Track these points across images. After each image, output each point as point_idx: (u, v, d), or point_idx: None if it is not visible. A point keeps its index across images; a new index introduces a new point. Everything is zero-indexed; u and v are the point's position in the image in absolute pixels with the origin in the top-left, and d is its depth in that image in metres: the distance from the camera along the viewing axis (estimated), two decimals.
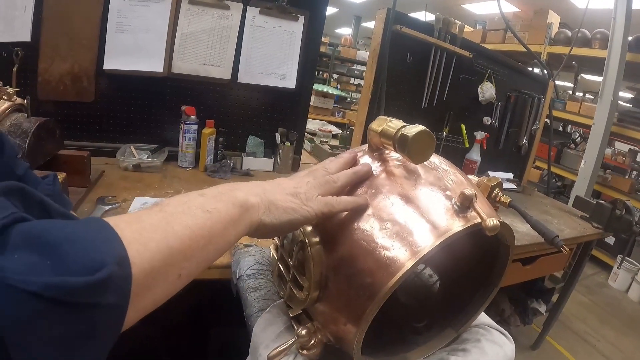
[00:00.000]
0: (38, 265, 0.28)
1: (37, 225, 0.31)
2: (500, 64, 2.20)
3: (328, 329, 0.56)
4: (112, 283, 0.30)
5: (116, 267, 0.30)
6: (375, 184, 0.55)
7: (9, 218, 0.30)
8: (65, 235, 0.31)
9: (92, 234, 0.32)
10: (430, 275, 0.83)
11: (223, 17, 1.66)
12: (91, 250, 0.30)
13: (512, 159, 2.46)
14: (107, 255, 0.30)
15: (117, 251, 0.32)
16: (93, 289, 0.29)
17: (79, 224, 0.33)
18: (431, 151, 0.53)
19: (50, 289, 0.27)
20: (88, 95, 1.58)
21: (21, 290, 0.26)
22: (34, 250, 0.29)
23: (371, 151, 0.61)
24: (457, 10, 6.57)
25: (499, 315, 2.00)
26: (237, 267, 0.84)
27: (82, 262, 0.29)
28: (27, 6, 1.42)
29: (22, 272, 0.27)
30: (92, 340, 0.30)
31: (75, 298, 0.28)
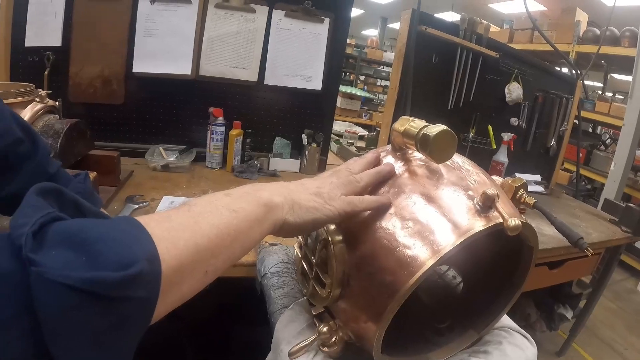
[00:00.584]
0: (74, 261, 0.30)
1: (73, 224, 0.33)
2: (527, 64, 2.16)
3: (349, 327, 0.56)
4: (143, 278, 0.32)
5: (146, 264, 0.32)
6: (397, 183, 0.55)
7: (47, 217, 0.32)
8: (100, 234, 0.32)
9: (124, 233, 0.34)
10: (454, 277, 0.82)
11: (249, 20, 1.68)
12: (124, 248, 0.32)
13: (540, 160, 2.40)
14: (139, 252, 0.32)
15: (148, 249, 0.33)
16: (125, 284, 0.30)
17: (112, 223, 0.35)
18: (453, 150, 0.53)
19: (86, 283, 0.29)
20: (118, 98, 1.63)
21: (59, 284, 0.28)
22: (70, 248, 0.30)
23: (394, 151, 0.61)
24: (484, 9, 6.48)
25: (524, 320, 1.96)
26: (262, 265, 0.85)
27: (115, 259, 0.31)
28: (57, 12, 1.48)
29: (59, 267, 0.29)
30: (122, 331, 0.32)
31: (108, 291, 0.29)
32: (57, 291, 0.28)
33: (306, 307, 0.67)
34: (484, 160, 2.15)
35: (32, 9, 1.47)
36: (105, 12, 1.52)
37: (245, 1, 1.65)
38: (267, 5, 1.68)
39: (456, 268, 0.82)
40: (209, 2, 1.62)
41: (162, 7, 1.57)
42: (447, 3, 4.13)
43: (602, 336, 2.66)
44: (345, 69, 7.79)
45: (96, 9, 1.51)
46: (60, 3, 1.48)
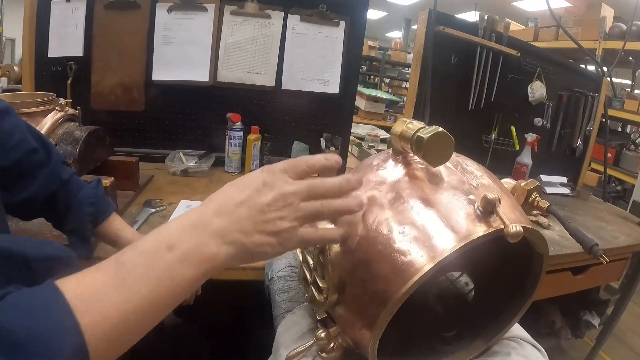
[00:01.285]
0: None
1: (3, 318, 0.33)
2: (550, 62, 2.09)
3: (347, 333, 0.56)
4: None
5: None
6: (396, 187, 0.54)
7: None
8: (30, 331, 0.32)
9: (52, 327, 0.34)
10: (466, 284, 0.80)
11: (265, 25, 1.69)
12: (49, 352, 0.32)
13: (566, 161, 2.33)
14: (63, 351, 0.33)
15: (75, 349, 0.34)
16: None
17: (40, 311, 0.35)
18: (449, 153, 0.52)
19: None
20: (138, 105, 1.67)
21: None
22: (4, 353, 0.31)
23: (395, 155, 0.60)
24: (508, 8, 6.36)
25: (549, 327, 1.89)
26: (270, 268, 0.86)
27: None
28: (78, 23, 1.53)
29: None
30: None
31: None
32: None
33: (309, 311, 0.67)
34: (507, 162, 2.10)
35: (54, 21, 1.52)
36: (124, 22, 1.56)
37: (260, 7, 1.66)
38: (282, 10, 1.69)
39: (468, 274, 0.80)
40: (224, 10, 1.64)
41: (179, 15, 1.60)
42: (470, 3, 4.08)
43: (631, 344, 2.56)
44: (370, 72, 7.76)
45: (115, 19, 1.55)
46: (81, 15, 1.53)
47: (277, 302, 0.73)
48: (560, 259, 1.31)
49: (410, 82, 1.97)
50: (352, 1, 1.77)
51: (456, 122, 2.02)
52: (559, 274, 1.39)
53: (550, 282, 1.38)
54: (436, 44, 1.80)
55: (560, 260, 1.31)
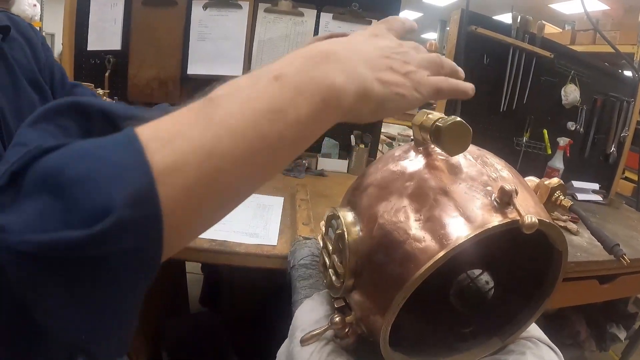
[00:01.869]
0: (47, 214, 0.26)
1: (54, 160, 0.28)
2: (585, 65, 2.04)
3: (362, 319, 0.57)
4: (124, 229, 0.26)
5: (128, 210, 0.26)
6: (414, 176, 0.55)
7: (23, 160, 0.28)
8: (80, 172, 0.27)
9: (111, 167, 0.27)
10: (486, 282, 0.80)
11: (298, 23, 1.73)
12: (101, 193, 0.26)
13: (599, 168, 2.26)
14: (117, 196, 0.26)
15: (134, 187, 0.27)
16: (96, 242, 0.25)
17: (103, 150, 0.28)
18: (467, 143, 0.52)
19: (44, 249, 0.25)
20: (174, 98, 1.73)
21: (18, 252, 0.25)
22: (47, 196, 0.26)
23: (416, 145, 0.62)
24: (545, 10, 6.19)
25: (572, 338, 1.85)
26: (293, 257, 0.88)
27: (90, 208, 0.25)
28: (116, 18, 1.61)
29: (26, 228, 0.25)
30: (114, 288, 0.28)
31: (76, 254, 0.25)
32: (18, 260, 0.25)
33: (327, 298, 0.69)
34: (538, 166, 2.07)
35: (93, 16, 1.62)
36: (162, 18, 1.63)
37: (294, 5, 1.69)
38: (315, 8, 1.72)
39: (488, 272, 0.80)
40: (258, 7, 1.68)
41: (215, 12, 1.65)
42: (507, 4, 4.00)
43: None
44: None
45: (153, 15, 1.62)
46: (119, 10, 1.61)
47: (297, 288, 0.76)
48: (587, 266, 1.28)
49: None
50: (384, 0, 1.79)
51: (487, 124, 2.00)
52: (584, 281, 1.35)
53: (576, 290, 1.35)
54: (468, 44, 1.79)
55: (586, 268, 1.28)
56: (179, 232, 0.30)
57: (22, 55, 0.70)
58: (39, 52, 0.74)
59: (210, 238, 1.00)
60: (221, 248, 0.99)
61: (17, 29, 0.71)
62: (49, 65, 0.76)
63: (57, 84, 0.76)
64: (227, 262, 1.01)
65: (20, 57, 0.69)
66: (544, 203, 0.77)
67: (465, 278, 0.82)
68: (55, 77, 0.76)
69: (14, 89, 0.65)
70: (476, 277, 0.81)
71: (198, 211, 0.31)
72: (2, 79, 0.64)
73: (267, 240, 1.03)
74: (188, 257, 1.03)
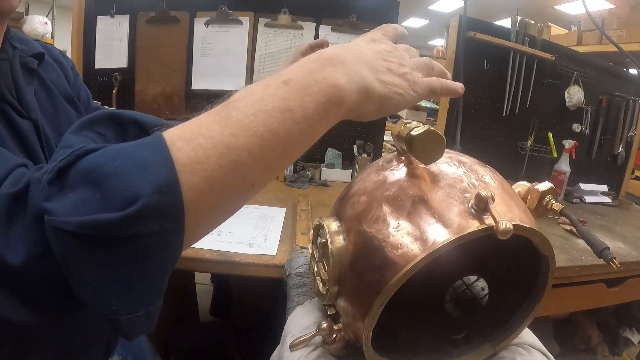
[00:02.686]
0: (87, 202, 0.31)
1: (95, 159, 0.33)
2: (588, 65, 2.03)
3: (348, 326, 0.59)
4: (150, 213, 0.30)
5: (155, 197, 0.31)
6: (394, 185, 0.57)
7: (68, 159, 0.33)
8: (115, 167, 0.32)
9: (141, 162, 0.32)
10: (482, 289, 0.81)
11: (297, 36, 1.76)
12: (132, 183, 0.31)
13: (607, 169, 2.23)
14: (145, 186, 0.31)
15: (160, 179, 0.31)
16: (126, 223, 0.30)
17: (134, 149, 0.34)
18: (440, 152, 0.54)
19: (85, 227, 0.30)
20: (179, 113, 1.72)
21: (61, 231, 0.30)
22: (87, 187, 0.31)
23: (399, 155, 0.63)
24: (550, 12, 6.14)
25: (584, 343, 1.82)
26: (289, 265, 0.90)
27: (123, 196, 0.30)
28: (122, 37, 1.67)
29: (69, 212, 0.30)
30: (142, 263, 0.32)
31: (109, 233, 0.30)
32: (61, 237, 0.30)
33: (319, 305, 0.70)
34: (544, 169, 2.06)
35: (100, 35, 1.68)
36: (165, 35, 1.68)
37: (293, 19, 1.73)
38: (314, 21, 1.75)
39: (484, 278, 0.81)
40: (259, 22, 1.72)
41: (216, 28, 1.70)
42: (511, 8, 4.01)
43: None
44: None
45: (157, 33, 1.67)
46: (124, 29, 1.66)
47: (291, 296, 0.77)
48: (592, 270, 1.26)
49: None
50: (382, 11, 1.81)
51: (491, 129, 2.00)
52: (592, 285, 1.34)
53: (584, 295, 1.34)
54: (468, 50, 1.80)
55: (592, 272, 1.27)
56: (201, 217, 0.35)
57: (57, 76, 0.77)
58: (69, 75, 0.81)
59: (211, 249, 1.03)
60: (222, 258, 1.01)
61: (50, 55, 0.78)
62: (77, 87, 0.83)
63: (83, 105, 0.82)
64: (228, 271, 1.03)
65: (56, 78, 0.76)
66: (534, 208, 0.77)
67: (461, 285, 0.83)
68: (82, 99, 0.83)
69: (53, 106, 0.72)
70: (472, 284, 0.82)
71: (218, 199, 0.35)
72: (41, 99, 0.70)
73: (266, 250, 1.05)
74: (191, 267, 1.05)
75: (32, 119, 0.64)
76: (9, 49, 0.67)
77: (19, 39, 0.71)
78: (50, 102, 0.72)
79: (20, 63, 0.68)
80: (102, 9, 1.71)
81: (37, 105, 0.67)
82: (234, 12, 1.70)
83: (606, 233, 1.58)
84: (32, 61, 0.69)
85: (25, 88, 0.65)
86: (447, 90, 0.53)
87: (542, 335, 0.70)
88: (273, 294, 1.40)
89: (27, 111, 0.64)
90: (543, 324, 1.67)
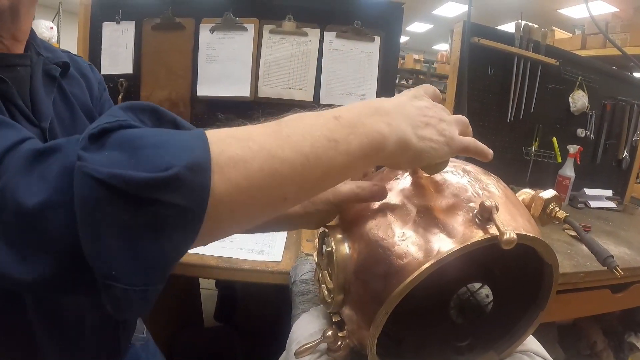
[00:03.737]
0: (120, 162, 0.32)
1: (136, 131, 0.35)
2: (592, 70, 2.03)
3: (353, 334, 0.59)
4: (178, 184, 0.32)
5: (186, 171, 0.32)
6: (400, 194, 0.57)
7: (112, 123, 0.35)
8: (155, 141, 0.34)
9: (182, 142, 0.34)
10: (486, 296, 0.81)
11: (302, 43, 1.77)
12: (169, 154, 0.33)
13: (612, 174, 2.22)
14: (179, 159, 0.32)
15: (194, 158, 0.33)
16: (153, 186, 0.31)
17: (179, 134, 0.36)
18: (445, 162, 0.54)
19: (113, 179, 0.31)
20: (185, 119, 1.75)
21: (91, 177, 0.31)
22: (124, 151, 0.33)
23: None
24: (554, 16, 6.15)
25: (589, 348, 1.81)
26: (294, 272, 0.90)
27: (156, 163, 0.32)
28: (127, 43, 1.69)
29: (100, 164, 0.31)
30: (158, 233, 0.33)
31: (135, 191, 0.31)
32: (89, 183, 0.31)
33: (324, 312, 0.71)
34: (549, 175, 2.05)
35: (106, 41, 1.70)
36: (171, 42, 1.69)
37: (298, 25, 1.74)
38: (319, 27, 1.76)
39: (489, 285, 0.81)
40: (263, 29, 1.73)
41: (221, 35, 1.71)
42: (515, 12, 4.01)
43: None
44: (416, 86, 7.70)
45: (162, 39, 1.69)
46: (130, 35, 1.68)
47: (296, 303, 0.78)
48: (597, 276, 1.26)
49: (447, 95, 1.97)
50: (386, 17, 1.81)
51: (495, 135, 2.00)
52: (596, 291, 1.33)
53: (588, 300, 1.33)
54: (472, 55, 1.80)
55: (596, 277, 1.27)
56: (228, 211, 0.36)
57: (80, 91, 0.77)
58: (94, 90, 0.82)
59: (217, 255, 1.04)
60: (227, 264, 1.02)
61: (77, 68, 0.79)
62: (102, 102, 0.83)
63: None
64: (233, 278, 1.04)
65: (78, 92, 0.76)
66: (538, 215, 0.77)
67: (465, 292, 0.83)
68: None
69: (72, 120, 0.72)
70: (476, 291, 0.82)
71: (250, 199, 0.37)
72: (61, 112, 0.70)
73: (271, 256, 1.06)
74: (196, 273, 1.06)
75: (41, 127, 0.64)
76: (33, 55, 0.67)
77: (45, 47, 0.71)
78: (69, 114, 0.72)
79: (43, 70, 0.68)
80: (108, 15, 1.72)
81: (53, 115, 0.67)
82: (239, 19, 1.71)
83: (611, 238, 1.57)
84: (54, 68, 0.70)
85: (42, 96, 0.66)
86: (478, 152, 0.56)
87: (546, 341, 0.70)
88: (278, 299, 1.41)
89: (37, 119, 0.64)
90: (548, 330, 1.66)
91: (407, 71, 7.64)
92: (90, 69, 0.84)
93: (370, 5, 1.81)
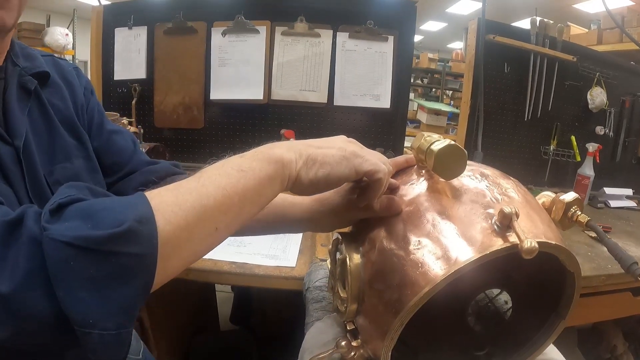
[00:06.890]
0: (80, 226, 0.37)
1: (87, 202, 0.41)
2: (610, 66, 1.98)
3: (367, 344, 0.58)
4: (132, 236, 0.38)
5: (136, 224, 0.38)
6: (415, 201, 0.55)
7: (66, 199, 0.40)
8: (105, 206, 0.40)
9: (125, 203, 0.41)
10: (505, 302, 0.79)
11: (315, 44, 1.76)
12: (119, 213, 0.39)
13: (632, 172, 2.15)
14: (130, 215, 0.38)
15: (140, 212, 0.39)
16: (113, 240, 0.37)
17: (121, 198, 0.43)
18: (462, 167, 0.52)
19: (78, 239, 0.36)
20: (198, 123, 1.79)
21: (58, 241, 0.36)
22: (81, 218, 0.38)
23: (419, 169, 0.62)
24: (569, 11, 6.02)
25: (610, 352, 1.77)
26: (308, 278, 0.89)
27: (110, 221, 0.38)
28: (140, 49, 1.70)
29: (66, 230, 0.37)
30: (121, 280, 0.38)
31: (97, 246, 0.36)
32: (57, 246, 0.36)
33: (338, 321, 0.69)
34: (568, 174, 2.01)
35: (119, 46, 1.72)
36: (183, 46, 1.70)
37: (310, 27, 1.73)
38: (331, 28, 1.75)
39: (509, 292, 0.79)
40: (275, 31, 1.72)
41: (233, 38, 1.71)
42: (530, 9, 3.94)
43: None
44: (431, 85, 7.66)
45: (174, 44, 1.69)
46: (142, 40, 1.69)
47: (310, 310, 0.77)
48: (618, 279, 1.22)
49: (463, 94, 1.95)
50: (399, 16, 1.80)
51: (513, 134, 1.97)
52: (617, 294, 1.30)
53: (609, 304, 1.30)
54: (488, 53, 1.77)
55: (617, 280, 1.24)
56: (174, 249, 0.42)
57: (61, 100, 0.73)
58: (79, 97, 0.78)
59: (230, 261, 1.03)
60: (241, 270, 1.01)
61: (61, 74, 0.76)
62: (90, 109, 0.80)
63: (94, 128, 0.80)
64: (247, 283, 1.03)
65: (58, 102, 0.73)
66: (559, 220, 0.75)
67: (484, 298, 0.81)
68: (94, 121, 0.80)
69: (49, 135, 0.69)
70: (495, 297, 0.80)
71: (190, 234, 0.43)
72: (38, 127, 0.67)
73: (286, 261, 1.05)
74: (210, 279, 1.06)
75: (14, 145, 0.61)
76: (9, 66, 0.64)
77: (25, 56, 0.68)
78: (46, 128, 0.69)
79: (18, 83, 0.65)
80: (120, 21, 1.74)
81: (29, 130, 0.64)
82: (251, 21, 1.71)
83: (632, 239, 1.53)
84: (30, 81, 0.67)
85: (16, 111, 0.63)
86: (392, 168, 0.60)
87: (566, 345, 0.68)
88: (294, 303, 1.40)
89: (10, 137, 0.61)
90: (567, 333, 1.63)
91: (422, 70, 7.56)
92: (76, 72, 0.80)
93: (383, 4, 1.80)
